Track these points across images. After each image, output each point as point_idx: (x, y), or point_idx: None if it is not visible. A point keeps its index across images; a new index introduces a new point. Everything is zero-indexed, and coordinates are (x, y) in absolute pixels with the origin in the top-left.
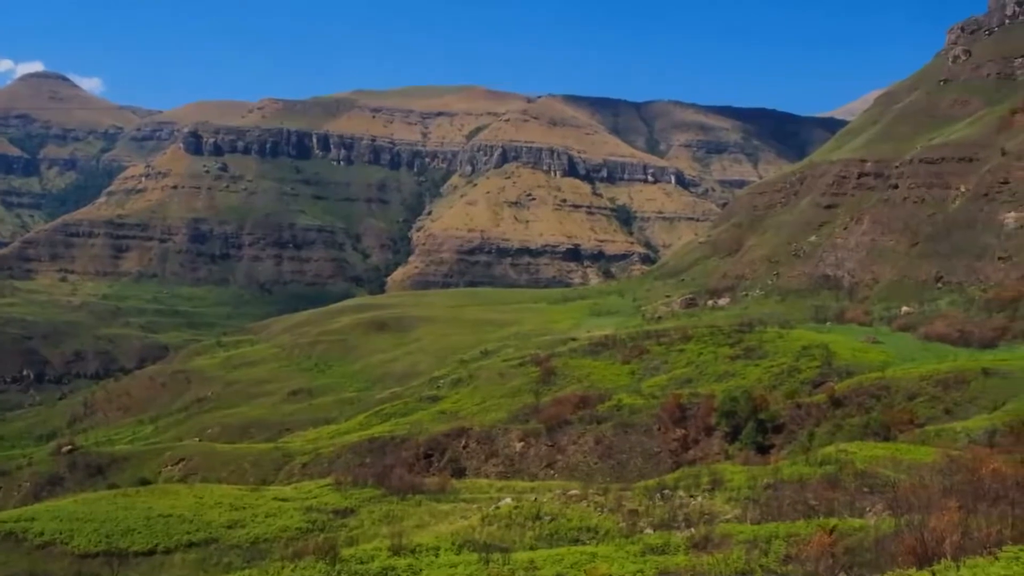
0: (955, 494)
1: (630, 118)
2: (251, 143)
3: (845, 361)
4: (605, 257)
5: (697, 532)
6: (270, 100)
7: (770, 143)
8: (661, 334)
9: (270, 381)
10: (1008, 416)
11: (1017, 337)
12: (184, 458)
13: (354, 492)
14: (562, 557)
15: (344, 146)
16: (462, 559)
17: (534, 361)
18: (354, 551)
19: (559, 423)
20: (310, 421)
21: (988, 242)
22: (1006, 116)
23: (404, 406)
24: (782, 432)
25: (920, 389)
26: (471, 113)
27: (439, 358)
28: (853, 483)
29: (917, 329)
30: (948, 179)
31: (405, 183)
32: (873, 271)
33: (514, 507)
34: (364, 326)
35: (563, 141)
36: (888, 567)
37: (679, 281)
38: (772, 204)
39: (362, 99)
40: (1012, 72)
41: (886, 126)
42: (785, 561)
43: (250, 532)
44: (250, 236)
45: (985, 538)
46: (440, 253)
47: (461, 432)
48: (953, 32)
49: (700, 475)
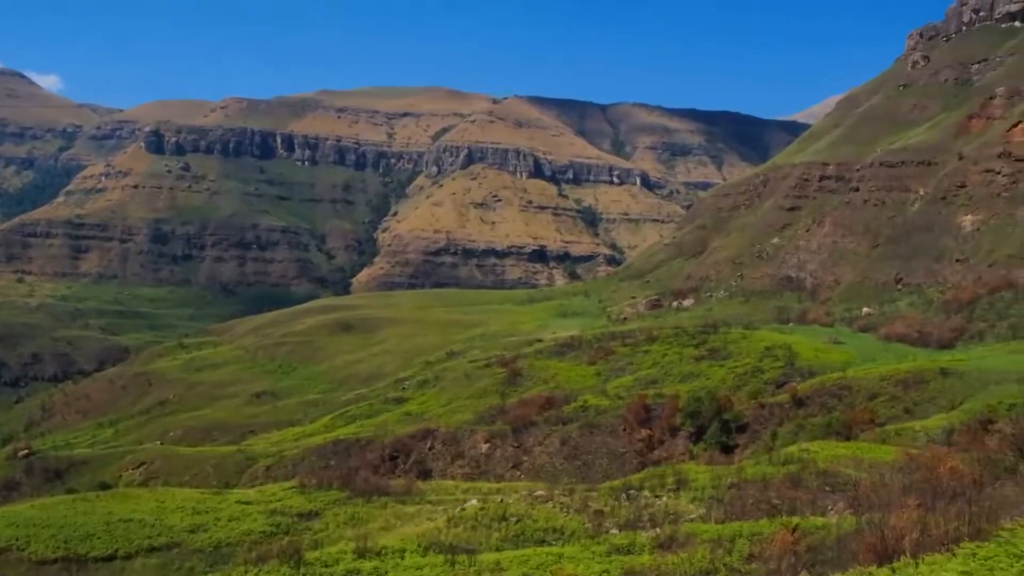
0: (914, 492)
1: (596, 120)
2: (214, 143)
3: (807, 361)
4: (571, 258)
5: (662, 532)
6: (233, 99)
7: (733, 146)
8: (626, 335)
9: (233, 383)
10: (965, 415)
11: (974, 338)
12: (145, 462)
13: (319, 495)
14: (528, 558)
15: (309, 146)
16: (428, 561)
17: (500, 362)
18: (319, 554)
19: (525, 424)
20: (274, 423)
21: (946, 244)
22: (963, 121)
23: (369, 408)
24: (746, 432)
25: (880, 389)
26: (437, 114)
27: (405, 359)
28: (815, 482)
29: (877, 330)
30: (907, 182)
31: (370, 184)
32: (835, 272)
33: (480, 508)
34: (329, 327)
35: (529, 142)
36: (849, 565)
37: (644, 282)
38: (736, 206)
39: (327, 99)
40: (969, 78)
41: (847, 130)
42: (749, 560)
43: (213, 536)
44: (213, 237)
45: (943, 535)
46: (406, 254)
47: (427, 434)
48: (912, 38)
49: (665, 475)
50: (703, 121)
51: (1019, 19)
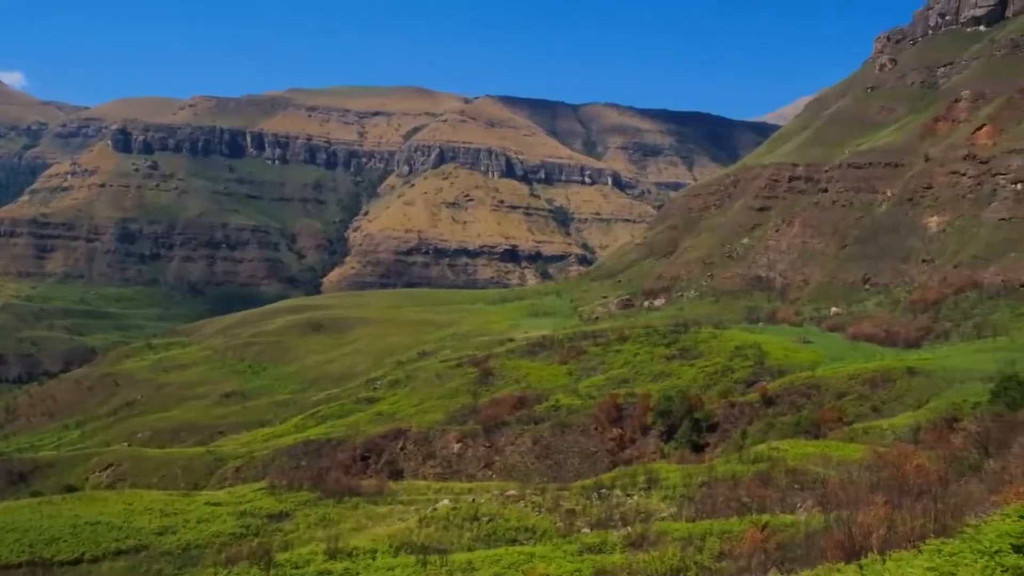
0: (882, 490)
1: (568, 120)
2: (182, 141)
3: (777, 361)
4: (543, 258)
5: (633, 530)
6: (202, 97)
7: (704, 146)
8: (598, 335)
9: (202, 384)
10: (931, 414)
11: (940, 337)
12: (112, 463)
13: (289, 496)
14: (500, 557)
15: (279, 145)
16: (399, 561)
17: (472, 362)
18: (289, 556)
19: (497, 424)
20: (244, 424)
21: (913, 245)
22: (929, 123)
23: (340, 408)
24: (716, 431)
25: (849, 388)
26: (408, 113)
27: (376, 359)
28: (784, 480)
29: (846, 329)
30: (875, 184)
31: (341, 183)
32: (804, 273)
33: (452, 508)
34: (299, 327)
35: (501, 142)
36: (818, 562)
37: (616, 282)
38: (706, 207)
39: (297, 98)
40: (935, 81)
41: (816, 131)
42: (719, 558)
43: (181, 538)
44: (181, 236)
45: (909, 532)
46: (377, 254)
47: (398, 434)
48: (880, 41)
49: (636, 474)
50: (674, 122)
51: (984, 23)
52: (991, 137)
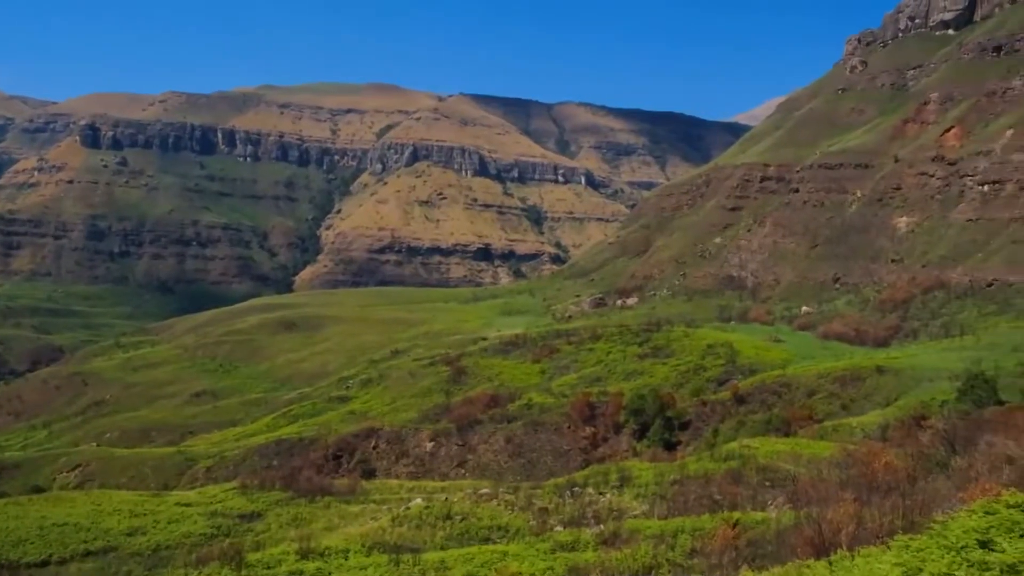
0: (851, 487)
1: (541, 119)
2: (152, 137)
3: (748, 359)
4: (515, 257)
5: (606, 529)
6: (172, 93)
7: (677, 146)
8: (571, 333)
9: (172, 383)
10: (899, 411)
11: (908, 336)
12: (80, 464)
13: (261, 495)
14: (473, 556)
15: (251, 142)
16: (372, 561)
17: (444, 361)
18: (261, 556)
19: (470, 422)
20: (215, 424)
21: (882, 245)
22: (899, 125)
23: (312, 407)
24: (688, 429)
25: (819, 386)
26: (381, 111)
27: (349, 358)
28: (756, 477)
29: (816, 328)
30: (845, 184)
31: (314, 181)
32: (775, 272)
33: (424, 507)
34: (271, 326)
35: (474, 141)
36: (788, 558)
37: (589, 281)
38: (679, 206)
39: (270, 94)
40: (904, 83)
41: (787, 132)
42: (691, 555)
43: (151, 539)
44: (151, 233)
45: (878, 528)
46: (349, 252)
47: (371, 432)
48: (851, 43)
49: (609, 472)
50: (647, 121)
51: (952, 27)
52: (959, 139)
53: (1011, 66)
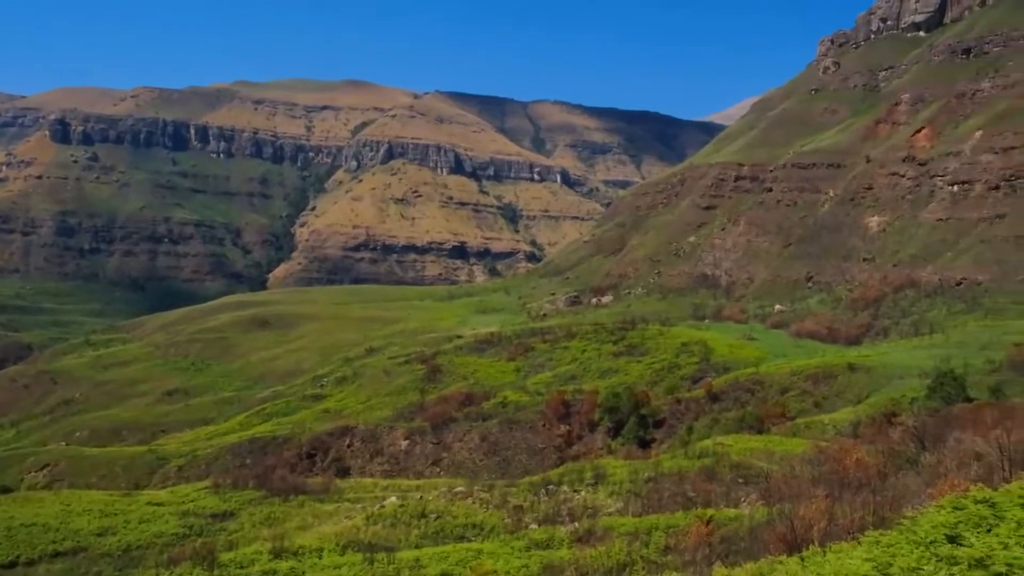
0: (823, 483)
1: (517, 117)
2: (124, 133)
3: (722, 357)
4: (491, 255)
5: (581, 526)
6: (144, 88)
7: (652, 145)
8: (546, 332)
9: (144, 381)
10: (871, 409)
11: (879, 334)
12: (49, 463)
13: (233, 495)
14: (448, 555)
15: (224, 138)
16: (346, 560)
17: (419, 359)
18: (233, 555)
19: (445, 421)
20: (187, 422)
21: (854, 244)
22: (871, 125)
23: (286, 405)
24: (663, 427)
25: (791, 384)
26: (357, 108)
27: (323, 356)
28: (729, 475)
29: (789, 326)
30: (818, 184)
31: (288, 178)
32: (748, 271)
33: (399, 506)
34: (244, 323)
35: (450, 138)
36: (761, 554)
37: (564, 279)
38: (654, 205)
39: (243, 90)
40: (876, 84)
41: (761, 132)
42: (665, 552)
43: (122, 539)
44: (122, 230)
45: (849, 524)
46: (324, 250)
47: (345, 431)
48: (824, 44)
49: (584, 470)
50: (622, 120)
51: (923, 29)
52: (929, 140)
53: (980, 68)
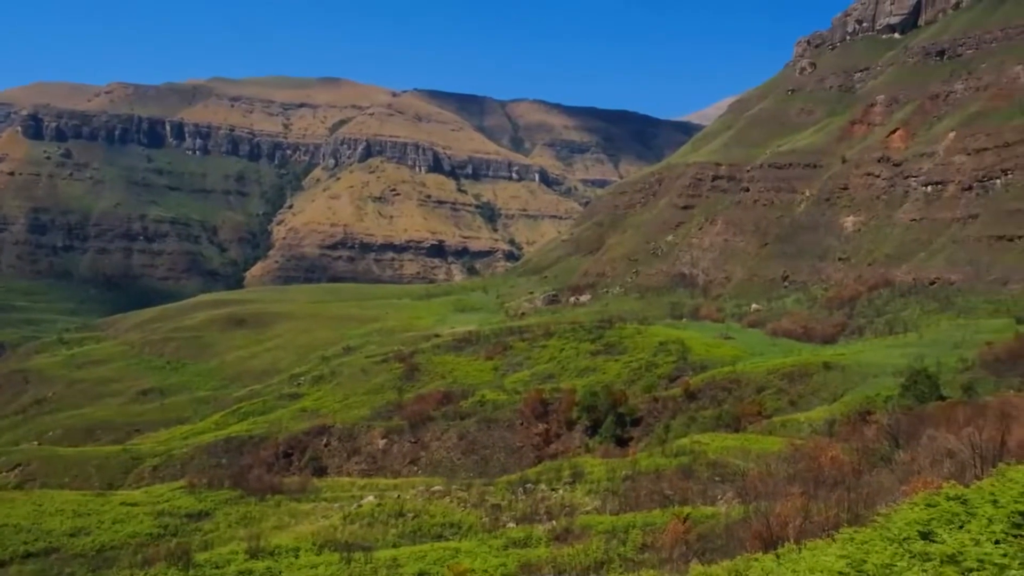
0: (798, 481)
1: (495, 116)
2: (98, 129)
3: (699, 356)
4: (469, 253)
5: (558, 524)
6: (119, 84)
7: (630, 145)
8: (524, 330)
9: (118, 380)
10: (845, 407)
11: (854, 333)
12: (21, 463)
13: (209, 494)
14: (425, 554)
15: (200, 135)
16: (323, 559)
17: (397, 357)
18: (209, 555)
19: (422, 419)
20: (162, 422)
21: (830, 244)
22: (846, 126)
23: (263, 404)
24: (640, 425)
25: (768, 382)
26: (335, 106)
27: (300, 355)
28: (706, 473)
29: (765, 325)
30: (794, 184)
31: (265, 175)
32: (725, 270)
33: (377, 505)
34: (221, 322)
35: (428, 137)
36: (737, 552)
37: (542, 278)
38: (632, 204)
39: (220, 87)
40: (852, 85)
41: (738, 132)
42: (642, 550)
43: (95, 540)
44: (96, 228)
45: (824, 521)
46: (301, 248)
47: (322, 430)
48: (800, 45)
49: (561, 469)
50: (600, 120)
51: (898, 31)
52: (903, 141)
53: (953, 70)
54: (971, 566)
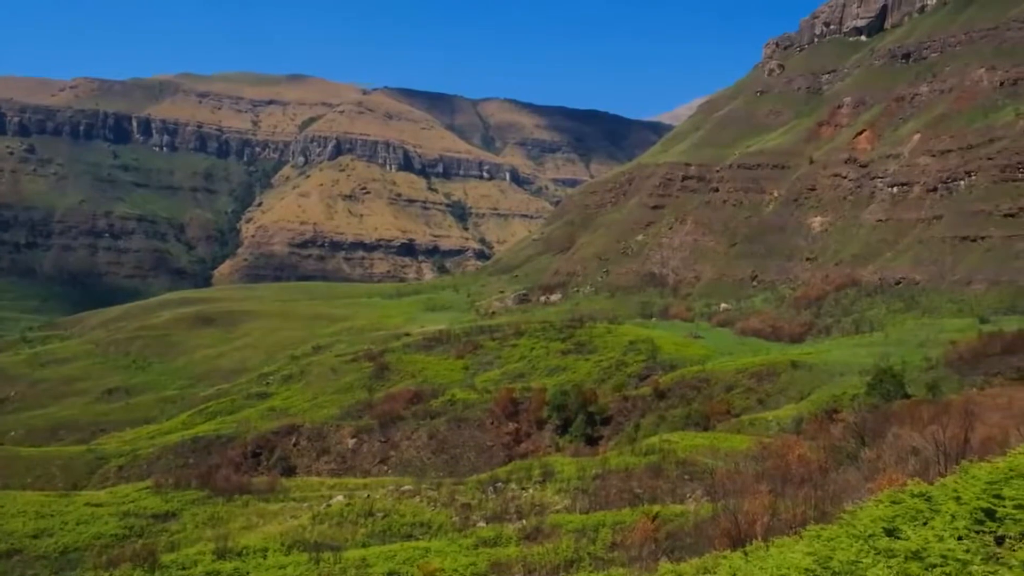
0: (766, 479)
1: (467, 115)
2: (62, 124)
3: (669, 355)
4: (440, 252)
5: (528, 523)
6: (84, 79)
7: (601, 144)
8: (494, 329)
9: (82, 379)
10: (813, 405)
11: (821, 332)
12: None
13: (176, 495)
14: (395, 553)
15: (167, 131)
16: (291, 560)
17: (367, 356)
18: (175, 557)
19: (392, 419)
20: (127, 421)
21: (797, 244)
22: (814, 128)
23: (231, 403)
24: (610, 424)
25: (736, 381)
26: (304, 103)
27: (269, 354)
28: (675, 471)
29: (734, 324)
30: (763, 184)
31: (234, 172)
32: (695, 269)
33: (346, 505)
34: (188, 321)
35: (399, 135)
36: (706, 550)
37: (513, 277)
38: (603, 204)
39: (187, 83)
40: (819, 87)
41: (708, 132)
42: (612, 548)
43: (59, 541)
44: (60, 224)
45: (792, 519)
46: (271, 246)
47: (291, 429)
48: (769, 46)
49: (532, 468)
50: (572, 119)
51: (864, 33)
52: (870, 142)
53: (919, 72)
54: (934, 562)
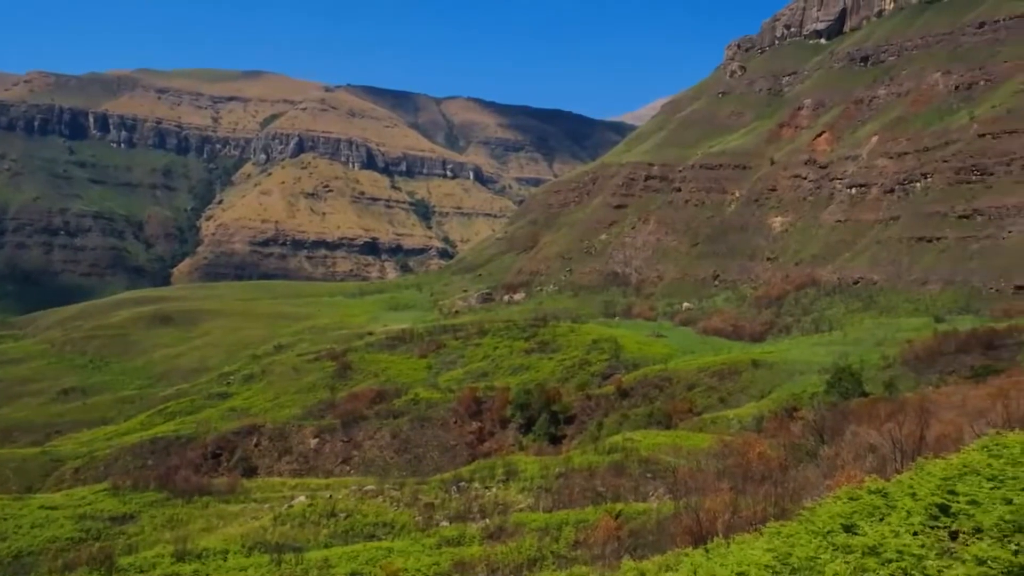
0: (727, 476)
1: (430, 113)
2: (16, 119)
3: (632, 354)
4: (403, 251)
5: (492, 523)
6: (39, 73)
7: (564, 144)
8: (458, 328)
9: (37, 380)
10: (773, 404)
11: (782, 331)
12: None
13: (134, 497)
14: (357, 554)
15: (125, 127)
16: (252, 561)
17: (330, 356)
18: (133, 559)
19: (355, 418)
20: (84, 422)
21: (758, 244)
22: (774, 129)
23: (191, 404)
24: (573, 423)
25: (698, 380)
26: (266, 100)
27: (230, 353)
28: (638, 469)
29: (696, 324)
30: (725, 184)
31: (193, 169)
32: (658, 269)
33: (308, 505)
34: (146, 320)
35: (362, 133)
36: (668, 547)
37: (476, 276)
38: (566, 203)
39: (146, 78)
40: (780, 89)
41: (671, 133)
42: (575, 546)
43: (12, 545)
44: (14, 221)
45: (752, 516)
46: (231, 244)
47: (252, 429)
48: (731, 48)
49: (495, 467)
50: (536, 119)
51: (824, 36)
52: (829, 144)
53: (876, 75)
54: (891, 557)
